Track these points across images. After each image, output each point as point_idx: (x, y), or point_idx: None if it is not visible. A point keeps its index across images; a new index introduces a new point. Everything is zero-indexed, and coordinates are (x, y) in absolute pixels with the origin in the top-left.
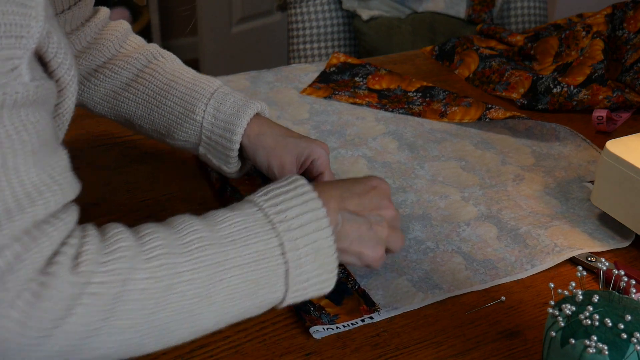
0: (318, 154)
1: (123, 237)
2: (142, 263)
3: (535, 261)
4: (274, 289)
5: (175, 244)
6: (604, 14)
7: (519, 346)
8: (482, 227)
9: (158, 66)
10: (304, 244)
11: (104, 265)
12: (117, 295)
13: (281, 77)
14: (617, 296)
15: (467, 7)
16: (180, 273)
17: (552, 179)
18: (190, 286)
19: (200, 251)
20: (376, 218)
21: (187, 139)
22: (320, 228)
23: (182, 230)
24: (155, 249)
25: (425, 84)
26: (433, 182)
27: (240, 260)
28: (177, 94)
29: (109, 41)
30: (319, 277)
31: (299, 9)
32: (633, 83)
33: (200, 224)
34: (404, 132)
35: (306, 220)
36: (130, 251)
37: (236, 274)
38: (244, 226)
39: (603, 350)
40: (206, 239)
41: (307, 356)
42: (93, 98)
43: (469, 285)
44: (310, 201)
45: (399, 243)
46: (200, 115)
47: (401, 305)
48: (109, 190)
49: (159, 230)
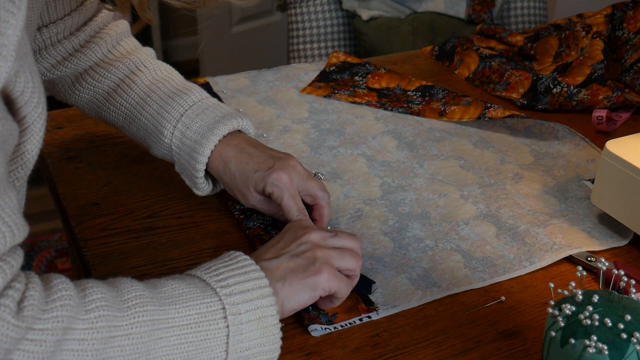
0: (271, 190)
1: (65, 287)
2: (82, 314)
3: (533, 259)
4: (213, 355)
5: (115, 300)
6: (603, 14)
7: (519, 346)
8: (481, 226)
9: (138, 77)
10: (246, 309)
11: (46, 313)
12: (56, 343)
13: (281, 76)
14: (617, 296)
15: (467, 7)
16: (118, 327)
17: (550, 178)
18: (129, 341)
19: (140, 306)
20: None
21: (164, 155)
22: (262, 296)
23: (122, 288)
24: (95, 301)
25: (424, 83)
26: (432, 180)
27: (180, 321)
28: (150, 110)
29: (98, 45)
30: (261, 347)
31: (299, 9)
32: (633, 83)
33: (141, 285)
34: (403, 131)
35: (247, 287)
36: (72, 301)
37: (176, 334)
38: (185, 289)
39: (603, 350)
40: (146, 297)
41: (307, 356)
42: (80, 103)
43: (467, 283)
44: (251, 272)
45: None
46: (169, 137)
47: (400, 303)
48: (109, 190)
49: (100, 286)
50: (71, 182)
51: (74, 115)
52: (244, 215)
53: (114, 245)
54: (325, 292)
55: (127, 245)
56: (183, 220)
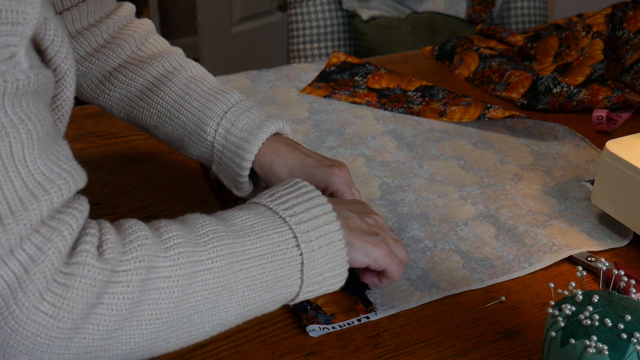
0: (336, 186)
1: (139, 227)
2: (163, 252)
3: (532, 259)
4: (289, 282)
5: (191, 235)
6: (604, 14)
7: (519, 346)
8: (480, 226)
9: (174, 75)
10: (316, 236)
11: (126, 254)
12: (142, 282)
13: (281, 76)
14: (617, 296)
15: (467, 7)
16: (199, 262)
17: (550, 179)
18: (211, 275)
19: (217, 241)
20: (367, 218)
21: (200, 155)
22: (329, 221)
23: (195, 224)
24: (172, 239)
25: (424, 84)
26: (432, 181)
27: (256, 252)
28: (190, 108)
29: (125, 42)
30: (332, 270)
31: (299, 9)
32: (633, 83)
33: (213, 220)
34: (403, 131)
35: (314, 214)
36: (149, 240)
37: (254, 265)
38: (256, 221)
39: (603, 350)
40: (221, 231)
41: (307, 356)
42: (108, 102)
43: (466, 283)
44: (315, 198)
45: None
46: (212, 135)
47: (398, 303)
48: (109, 190)
49: (174, 224)
50: None
51: (74, 115)
52: None
53: None
54: (376, 265)
55: None
56: None
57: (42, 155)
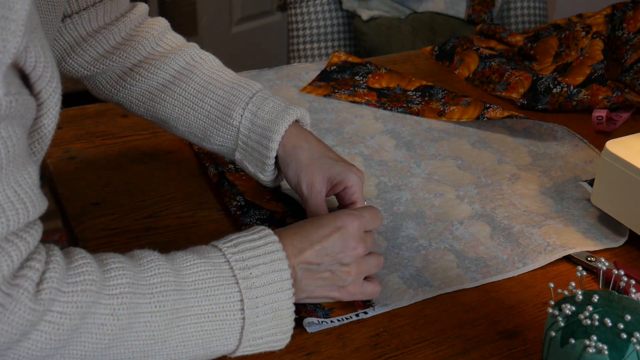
0: (352, 182)
1: (88, 268)
2: (105, 298)
3: (527, 259)
4: (226, 342)
5: (139, 284)
6: (603, 14)
7: (519, 346)
8: (476, 226)
9: (196, 67)
10: (264, 302)
11: (66, 295)
12: (74, 327)
13: (282, 76)
14: (617, 296)
15: (467, 7)
16: (139, 314)
17: (548, 179)
18: (147, 328)
19: (163, 295)
20: (336, 266)
21: (224, 144)
22: (282, 289)
23: (148, 270)
24: (118, 287)
25: (424, 83)
26: (428, 180)
27: (199, 310)
28: (214, 97)
29: (144, 39)
30: (273, 335)
31: (299, 9)
32: (633, 83)
33: (167, 267)
34: (402, 130)
35: (270, 279)
36: (95, 285)
37: (192, 322)
38: (208, 276)
39: (603, 350)
40: (170, 284)
41: (307, 356)
42: (128, 98)
43: (459, 282)
44: (277, 261)
45: (373, 269)
46: (238, 119)
47: (391, 302)
48: (109, 190)
49: (125, 267)
50: (71, 182)
51: (74, 115)
52: (240, 211)
53: (114, 245)
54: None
55: (127, 245)
56: (183, 220)
57: (1, 182)
